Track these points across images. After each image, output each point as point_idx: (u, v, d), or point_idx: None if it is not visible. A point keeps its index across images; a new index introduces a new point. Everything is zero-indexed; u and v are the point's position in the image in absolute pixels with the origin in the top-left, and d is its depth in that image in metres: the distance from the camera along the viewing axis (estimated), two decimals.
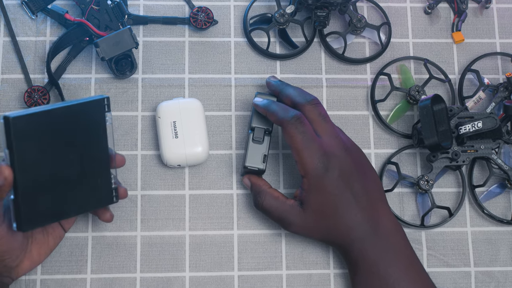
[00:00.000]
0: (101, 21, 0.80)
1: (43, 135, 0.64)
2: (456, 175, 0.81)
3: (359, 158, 0.72)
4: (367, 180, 0.71)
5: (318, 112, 0.71)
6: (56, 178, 0.66)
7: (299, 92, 0.73)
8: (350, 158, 0.70)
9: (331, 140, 0.70)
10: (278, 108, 0.72)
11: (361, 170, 0.71)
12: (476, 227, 0.80)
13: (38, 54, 0.81)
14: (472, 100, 0.81)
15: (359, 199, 0.69)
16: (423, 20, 0.86)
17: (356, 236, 0.69)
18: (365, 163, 0.73)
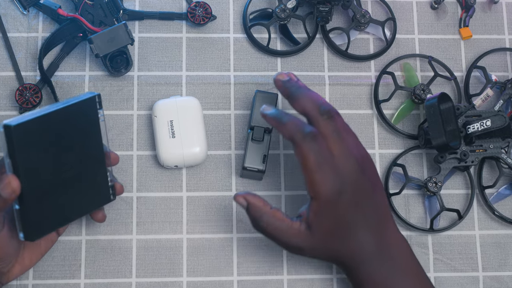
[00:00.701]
0: (95, 16, 0.79)
1: (42, 141, 0.63)
2: (464, 176, 0.81)
3: (371, 176, 0.68)
4: (377, 198, 0.68)
5: (333, 127, 0.66)
6: (57, 183, 0.65)
7: (314, 100, 0.67)
8: (363, 178, 0.66)
9: (345, 161, 0.65)
10: (290, 121, 0.66)
11: (373, 188, 0.67)
12: (485, 230, 0.79)
13: (30, 50, 0.81)
14: (480, 98, 0.80)
15: (369, 220, 0.67)
16: (429, 15, 0.86)
17: (364, 257, 0.67)
18: (376, 179, 0.69)
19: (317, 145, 0.64)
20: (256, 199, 0.68)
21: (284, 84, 0.69)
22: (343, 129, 0.67)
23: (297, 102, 0.67)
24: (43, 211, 0.65)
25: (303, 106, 0.67)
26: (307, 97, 0.67)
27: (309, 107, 0.66)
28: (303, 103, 0.67)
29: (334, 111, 0.67)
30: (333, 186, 0.64)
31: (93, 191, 0.69)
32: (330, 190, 0.64)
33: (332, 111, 0.66)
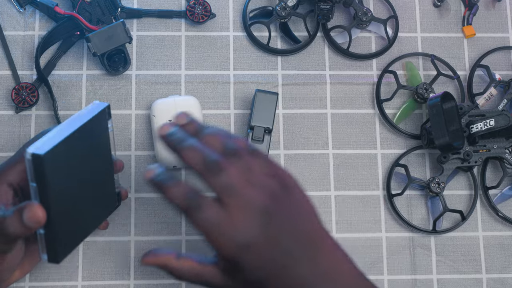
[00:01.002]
0: (93, 14, 0.79)
1: (67, 163, 0.62)
2: (468, 176, 0.80)
3: (289, 205, 0.60)
4: (302, 226, 0.61)
5: (221, 183, 0.58)
6: (77, 200, 0.65)
7: (199, 152, 0.59)
8: (277, 217, 0.59)
9: (245, 216, 0.58)
10: (175, 186, 0.59)
11: (294, 217, 0.60)
12: (488, 231, 0.79)
13: (27, 49, 0.81)
14: (483, 97, 0.80)
15: (295, 254, 0.60)
16: (432, 13, 0.85)
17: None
18: (297, 204, 0.61)
19: (206, 213, 0.58)
20: (159, 258, 0.63)
21: (167, 138, 0.61)
22: (240, 174, 0.59)
23: (182, 159, 0.60)
24: (66, 231, 0.63)
25: (187, 163, 0.59)
26: (191, 151, 0.59)
27: (194, 163, 0.59)
28: (186, 159, 0.59)
29: (222, 165, 0.58)
30: (233, 248, 0.58)
31: (103, 200, 0.69)
32: (231, 252, 0.58)
33: (220, 165, 0.58)
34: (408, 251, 0.78)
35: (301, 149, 0.80)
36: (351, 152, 0.80)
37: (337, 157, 0.80)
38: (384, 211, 0.79)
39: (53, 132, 0.61)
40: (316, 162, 0.80)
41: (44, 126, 0.78)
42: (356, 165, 0.80)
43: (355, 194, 0.79)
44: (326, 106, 0.81)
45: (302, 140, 0.80)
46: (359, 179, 0.80)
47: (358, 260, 0.75)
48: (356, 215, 0.79)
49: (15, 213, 0.61)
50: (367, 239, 0.78)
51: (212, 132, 0.61)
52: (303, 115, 0.81)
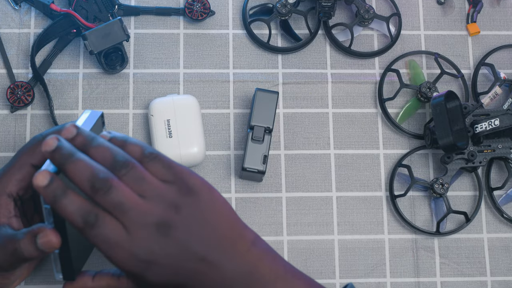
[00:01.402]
0: (90, 11, 0.79)
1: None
2: (472, 177, 0.80)
3: (188, 220, 0.58)
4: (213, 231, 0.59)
5: (111, 202, 0.56)
6: None
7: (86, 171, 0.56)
8: (173, 234, 0.57)
9: (140, 231, 0.56)
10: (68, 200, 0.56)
11: (198, 228, 0.58)
12: (493, 233, 0.79)
13: (22, 47, 0.81)
14: (488, 96, 0.80)
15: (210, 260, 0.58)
16: (435, 10, 0.85)
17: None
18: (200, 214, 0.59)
19: (102, 230, 0.56)
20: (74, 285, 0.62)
21: (51, 155, 0.57)
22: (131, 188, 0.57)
23: (68, 178, 0.57)
24: (79, 249, 0.63)
25: (74, 182, 0.56)
26: (77, 169, 0.56)
27: (80, 183, 0.56)
28: (72, 178, 0.56)
29: (111, 182, 0.56)
30: (135, 266, 0.57)
31: None
32: (134, 269, 0.57)
33: (109, 181, 0.56)
34: (411, 253, 0.78)
35: (302, 149, 0.80)
36: (353, 152, 0.80)
37: (338, 158, 0.80)
38: (386, 212, 0.79)
39: None
40: (318, 162, 0.79)
41: (39, 126, 0.78)
42: (358, 166, 0.80)
43: (357, 195, 0.79)
44: (327, 105, 0.81)
45: (303, 140, 0.80)
46: (361, 180, 0.79)
47: (360, 262, 0.77)
48: (358, 217, 0.78)
49: (27, 236, 0.59)
50: (369, 241, 0.78)
51: (100, 143, 0.58)
52: (304, 114, 0.81)
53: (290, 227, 0.77)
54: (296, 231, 0.77)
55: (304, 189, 0.78)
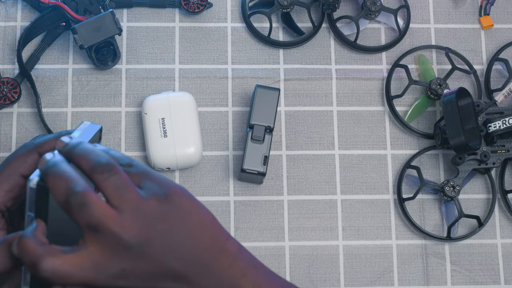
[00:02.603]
0: (80, 4, 0.79)
1: None
2: (485, 179, 0.81)
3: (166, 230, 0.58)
4: (193, 241, 0.59)
5: (87, 219, 0.55)
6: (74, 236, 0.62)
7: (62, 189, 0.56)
8: (152, 247, 0.57)
9: (115, 250, 0.56)
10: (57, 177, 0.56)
11: (178, 238, 0.58)
12: (507, 238, 0.80)
13: (8, 41, 0.81)
14: (502, 93, 0.80)
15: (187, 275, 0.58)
16: (446, 2, 0.85)
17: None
18: (181, 225, 0.59)
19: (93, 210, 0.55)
20: None
21: (39, 166, 0.58)
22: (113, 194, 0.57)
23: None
24: None
25: (52, 193, 0.57)
26: (55, 180, 0.57)
27: (57, 194, 0.56)
28: (51, 188, 0.56)
29: (84, 197, 0.55)
30: (103, 281, 0.56)
31: None
32: (102, 285, 0.56)
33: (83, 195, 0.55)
34: (420, 260, 0.78)
35: (304, 150, 0.79)
36: (359, 152, 0.80)
37: (343, 158, 0.80)
38: (394, 216, 0.79)
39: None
40: (321, 163, 0.79)
41: (26, 125, 0.78)
42: (364, 167, 0.80)
43: (363, 198, 0.79)
44: (332, 103, 0.81)
45: (306, 139, 0.80)
46: (367, 182, 0.79)
47: (367, 269, 0.77)
48: (364, 221, 0.78)
49: (1, 245, 0.58)
50: (376, 247, 0.78)
51: (84, 147, 0.58)
52: (307, 112, 0.80)
53: (292, 232, 0.77)
54: (299, 236, 0.77)
55: (307, 192, 0.78)
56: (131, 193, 0.56)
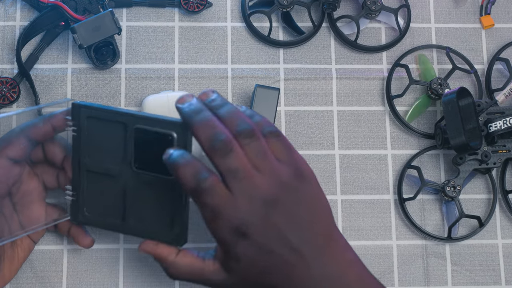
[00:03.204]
0: (79, 3, 0.79)
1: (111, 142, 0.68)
2: (486, 179, 0.81)
3: (293, 204, 0.61)
4: (313, 224, 0.62)
5: (226, 165, 0.59)
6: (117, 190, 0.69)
7: (210, 130, 0.60)
8: (276, 214, 0.60)
9: (248, 202, 0.59)
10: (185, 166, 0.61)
11: (300, 216, 0.61)
12: (508, 239, 0.79)
13: (7, 41, 0.81)
14: (503, 93, 0.80)
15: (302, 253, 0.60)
16: (447, 2, 0.85)
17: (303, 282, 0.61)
18: (305, 203, 0.62)
19: (212, 196, 0.60)
20: (159, 248, 0.65)
21: (181, 110, 0.63)
22: (249, 158, 0.60)
23: (192, 133, 0.62)
24: (94, 204, 0.69)
25: (196, 138, 0.61)
26: (202, 125, 0.61)
27: (202, 140, 0.60)
28: (196, 134, 0.61)
29: (233, 143, 0.60)
30: (229, 233, 0.60)
31: (155, 220, 0.68)
32: (227, 236, 0.60)
33: (229, 144, 0.59)
34: (421, 260, 0.78)
35: (304, 150, 0.79)
36: (359, 152, 0.80)
37: (344, 158, 0.80)
38: (395, 216, 0.79)
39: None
40: (321, 163, 0.79)
41: None
42: (364, 167, 0.80)
43: (364, 198, 0.79)
44: (332, 102, 0.81)
45: (306, 139, 0.80)
46: (367, 182, 0.79)
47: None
48: (364, 221, 0.78)
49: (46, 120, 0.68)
50: (376, 247, 0.78)
51: (230, 109, 0.62)
52: (307, 112, 0.80)
53: None
54: None
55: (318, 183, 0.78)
56: (269, 160, 0.60)
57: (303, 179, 0.61)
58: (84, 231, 0.72)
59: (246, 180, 0.59)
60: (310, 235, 0.61)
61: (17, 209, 0.69)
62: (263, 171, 0.60)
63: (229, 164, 0.59)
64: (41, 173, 0.70)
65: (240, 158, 0.59)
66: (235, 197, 0.59)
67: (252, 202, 0.59)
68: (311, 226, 0.61)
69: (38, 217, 0.70)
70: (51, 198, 0.72)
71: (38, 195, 0.70)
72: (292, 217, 0.60)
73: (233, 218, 0.59)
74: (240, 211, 0.59)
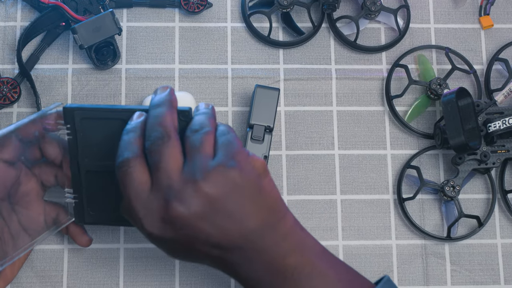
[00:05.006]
0: (79, 3, 0.79)
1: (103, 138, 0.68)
2: (485, 179, 0.80)
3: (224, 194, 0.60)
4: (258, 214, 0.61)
5: (156, 159, 0.60)
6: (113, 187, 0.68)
7: (153, 121, 0.62)
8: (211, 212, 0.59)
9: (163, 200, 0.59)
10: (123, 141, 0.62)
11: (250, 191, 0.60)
12: (507, 238, 0.79)
13: (8, 41, 0.81)
14: (502, 93, 0.80)
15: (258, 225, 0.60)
16: (446, 2, 0.85)
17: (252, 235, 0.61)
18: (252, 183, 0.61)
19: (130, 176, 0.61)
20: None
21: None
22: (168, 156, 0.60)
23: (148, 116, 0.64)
24: (96, 201, 0.69)
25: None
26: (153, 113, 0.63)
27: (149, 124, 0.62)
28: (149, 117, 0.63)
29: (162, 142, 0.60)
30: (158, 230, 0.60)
31: None
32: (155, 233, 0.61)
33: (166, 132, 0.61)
34: (420, 260, 0.78)
35: (304, 150, 0.80)
36: (359, 152, 0.80)
37: (343, 158, 0.80)
38: (394, 216, 0.79)
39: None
40: (321, 163, 0.79)
41: None
42: (364, 167, 0.80)
43: (363, 198, 0.79)
44: (331, 103, 0.81)
45: (306, 139, 0.80)
46: (367, 182, 0.79)
47: (366, 269, 0.77)
48: (364, 221, 0.78)
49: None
50: (376, 247, 0.78)
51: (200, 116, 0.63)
52: (306, 112, 0.81)
53: None
54: None
55: (307, 192, 0.78)
56: (201, 157, 0.59)
57: (243, 170, 0.60)
58: (83, 231, 0.73)
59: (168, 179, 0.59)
60: (251, 225, 0.60)
61: (16, 209, 0.69)
62: (191, 172, 0.59)
63: (157, 157, 0.60)
64: (39, 173, 0.70)
65: (168, 154, 0.60)
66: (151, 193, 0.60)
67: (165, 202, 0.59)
68: (252, 216, 0.60)
69: (37, 217, 0.70)
70: (49, 196, 0.72)
71: (37, 195, 0.70)
72: (233, 209, 0.60)
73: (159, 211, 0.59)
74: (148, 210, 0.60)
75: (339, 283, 0.61)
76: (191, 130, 0.61)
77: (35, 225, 0.70)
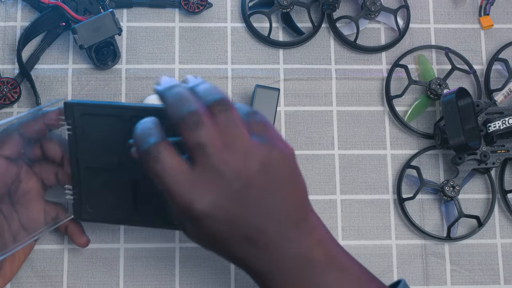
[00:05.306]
0: (80, 3, 0.79)
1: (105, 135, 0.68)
2: (485, 179, 0.81)
3: (264, 185, 0.57)
4: (283, 204, 0.59)
5: (195, 140, 0.55)
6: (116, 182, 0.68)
7: (181, 102, 0.57)
8: (243, 193, 0.56)
9: (209, 180, 0.56)
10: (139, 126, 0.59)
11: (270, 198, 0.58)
12: (507, 238, 0.79)
13: (8, 41, 0.81)
14: (502, 93, 0.80)
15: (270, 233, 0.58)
16: (446, 2, 0.85)
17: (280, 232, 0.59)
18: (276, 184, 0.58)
19: (164, 164, 0.56)
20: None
21: (157, 89, 0.60)
22: (220, 132, 0.56)
23: (165, 108, 0.58)
24: (95, 196, 0.69)
25: (166, 112, 0.58)
26: (173, 98, 0.58)
27: (171, 112, 0.57)
28: (166, 108, 0.58)
29: (197, 119, 0.56)
30: (188, 213, 0.56)
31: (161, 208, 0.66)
32: (184, 216, 0.57)
33: (195, 116, 0.56)
34: (420, 260, 0.78)
35: (304, 150, 0.80)
36: (359, 152, 0.80)
37: (343, 158, 0.80)
38: (394, 216, 0.79)
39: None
40: (321, 163, 0.79)
41: None
42: (364, 167, 0.80)
43: (363, 198, 0.79)
44: (331, 103, 0.81)
45: (306, 139, 0.80)
46: (367, 182, 0.79)
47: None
48: (364, 221, 0.78)
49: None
50: (376, 247, 0.78)
51: (207, 85, 0.59)
52: (306, 112, 0.81)
53: None
54: None
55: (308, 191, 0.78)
56: (240, 134, 0.56)
57: (277, 159, 0.57)
58: (81, 231, 0.73)
59: (214, 156, 0.55)
60: (278, 216, 0.58)
61: (17, 208, 0.69)
62: (234, 148, 0.56)
63: (196, 138, 0.55)
64: (40, 172, 0.70)
65: (209, 132, 0.55)
66: (198, 173, 0.55)
67: (214, 181, 0.55)
68: (280, 208, 0.58)
69: (37, 216, 0.70)
70: (49, 196, 0.72)
71: (37, 194, 0.70)
72: (262, 199, 0.57)
73: (194, 195, 0.55)
74: (202, 190, 0.55)
75: (360, 280, 0.61)
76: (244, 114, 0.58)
77: (35, 224, 0.70)
